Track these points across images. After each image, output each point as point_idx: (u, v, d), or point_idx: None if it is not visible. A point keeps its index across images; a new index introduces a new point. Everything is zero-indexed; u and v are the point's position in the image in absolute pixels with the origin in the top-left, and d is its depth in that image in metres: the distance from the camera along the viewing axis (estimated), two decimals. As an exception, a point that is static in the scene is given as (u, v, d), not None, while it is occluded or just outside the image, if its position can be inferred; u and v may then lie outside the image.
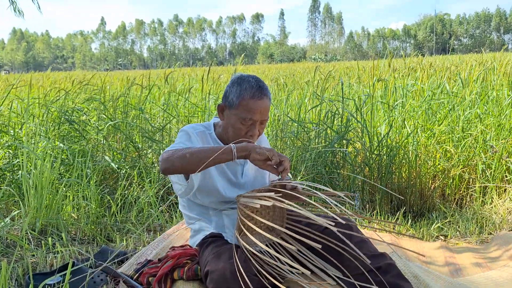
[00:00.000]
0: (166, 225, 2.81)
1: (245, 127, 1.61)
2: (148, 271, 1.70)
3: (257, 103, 1.57)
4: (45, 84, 8.56)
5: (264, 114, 1.60)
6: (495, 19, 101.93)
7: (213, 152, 1.45)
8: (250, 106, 1.57)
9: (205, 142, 1.71)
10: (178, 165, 1.48)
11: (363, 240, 1.59)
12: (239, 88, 1.59)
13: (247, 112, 1.58)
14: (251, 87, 1.58)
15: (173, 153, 1.49)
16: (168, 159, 1.49)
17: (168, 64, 65.35)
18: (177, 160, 1.47)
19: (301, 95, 5.57)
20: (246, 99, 1.57)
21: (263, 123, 1.64)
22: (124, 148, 3.88)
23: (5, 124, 4.01)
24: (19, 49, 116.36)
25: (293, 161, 3.53)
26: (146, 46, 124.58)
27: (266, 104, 1.60)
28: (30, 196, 2.61)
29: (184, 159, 1.46)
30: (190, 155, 1.46)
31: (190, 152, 1.47)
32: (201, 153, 1.46)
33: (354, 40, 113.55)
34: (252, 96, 1.57)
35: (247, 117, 1.58)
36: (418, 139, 3.65)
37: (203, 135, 1.71)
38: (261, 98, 1.58)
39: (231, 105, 1.61)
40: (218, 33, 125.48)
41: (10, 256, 2.19)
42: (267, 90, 1.61)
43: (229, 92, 1.62)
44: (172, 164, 1.49)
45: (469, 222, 2.90)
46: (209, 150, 1.46)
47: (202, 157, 1.45)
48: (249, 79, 1.61)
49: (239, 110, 1.59)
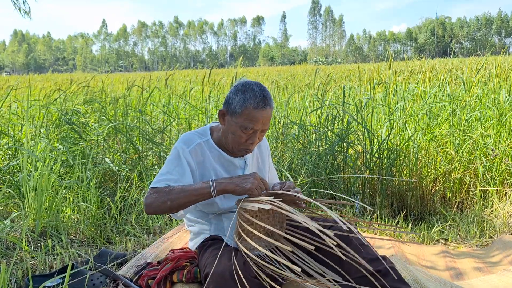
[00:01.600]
0: (166, 227, 2.81)
1: (245, 135, 1.60)
2: (147, 273, 1.70)
3: (260, 113, 1.56)
4: (45, 86, 8.57)
5: (265, 123, 1.59)
6: (497, 22, 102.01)
7: (192, 195, 1.52)
8: (253, 116, 1.56)
9: (200, 155, 1.68)
10: (160, 210, 1.56)
11: (363, 244, 1.58)
12: (243, 97, 1.57)
13: (249, 122, 1.56)
14: (255, 96, 1.56)
15: (155, 198, 1.55)
16: (151, 205, 1.55)
17: (169, 66, 65.43)
18: (159, 206, 1.55)
19: (302, 97, 5.57)
20: (250, 109, 1.55)
21: (264, 131, 1.63)
22: (124, 150, 3.88)
23: (5, 125, 4.02)
24: (20, 51, 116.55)
25: (293, 163, 3.53)
26: (147, 48, 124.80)
27: (268, 114, 1.59)
28: (30, 198, 2.61)
29: (165, 205, 1.54)
30: (171, 202, 1.53)
31: (170, 198, 1.53)
32: (180, 198, 1.52)
33: (355, 42, 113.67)
34: (256, 106, 1.55)
35: (249, 126, 1.57)
36: (419, 142, 3.65)
37: (198, 148, 1.68)
38: (265, 108, 1.57)
39: (234, 113, 1.59)
40: (219, 36, 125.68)
41: (10, 258, 2.18)
42: (270, 100, 1.60)
43: (232, 99, 1.60)
44: (155, 210, 1.57)
45: (470, 225, 2.90)
46: (188, 193, 1.53)
47: (182, 202, 1.53)
48: (254, 87, 1.58)
49: (241, 119, 1.57)
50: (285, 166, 3.46)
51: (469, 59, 6.52)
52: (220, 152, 1.70)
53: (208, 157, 1.69)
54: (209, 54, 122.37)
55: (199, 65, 73.82)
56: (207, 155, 1.69)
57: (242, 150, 1.65)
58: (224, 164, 1.71)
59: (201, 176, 1.67)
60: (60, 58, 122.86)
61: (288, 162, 3.57)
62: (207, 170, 1.68)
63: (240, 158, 1.73)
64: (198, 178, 1.67)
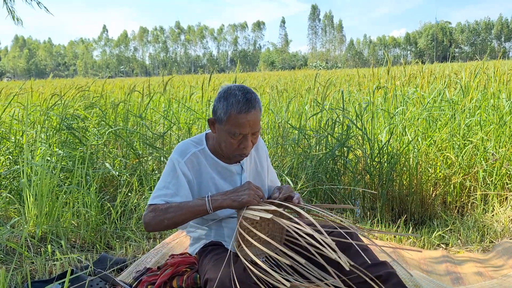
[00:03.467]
0: (166, 233, 2.80)
1: (236, 141, 1.58)
2: (147, 279, 1.69)
3: (244, 117, 1.53)
4: (46, 91, 8.59)
5: (254, 126, 1.57)
6: (497, 27, 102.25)
7: (189, 212, 1.54)
8: (238, 121, 1.54)
9: (196, 165, 1.67)
10: (158, 228, 1.59)
11: (364, 248, 1.57)
12: (225, 103, 1.55)
13: (236, 127, 1.55)
14: (238, 101, 1.53)
15: (152, 217, 1.57)
16: (149, 224, 1.58)
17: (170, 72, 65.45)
18: (157, 225, 1.57)
19: (302, 102, 5.58)
20: (234, 115, 1.53)
21: (255, 133, 1.61)
22: (124, 155, 3.88)
23: (6, 131, 4.02)
24: (21, 56, 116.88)
25: (293, 168, 3.53)
26: (148, 53, 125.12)
27: (255, 117, 1.56)
28: (30, 203, 2.61)
29: (162, 224, 1.56)
30: (168, 220, 1.55)
31: (167, 217, 1.55)
32: (177, 216, 1.55)
33: (355, 47, 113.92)
34: (239, 111, 1.53)
35: (236, 132, 1.55)
36: (418, 146, 3.65)
37: (194, 157, 1.67)
38: (249, 112, 1.54)
39: (220, 120, 1.57)
40: (219, 41, 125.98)
41: (10, 263, 2.18)
42: (255, 101, 1.56)
43: (217, 107, 1.58)
44: (154, 229, 1.59)
45: (470, 230, 2.89)
46: (185, 211, 1.54)
47: (178, 220, 1.55)
48: (236, 92, 1.56)
49: (228, 126, 1.55)
50: (285, 171, 3.46)
51: (468, 64, 6.53)
52: (216, 160, 1.69)
53: (205, 165, 1.68)
54: (209, 59, 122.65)
55: (199, 70, 73.96)
56: (203, 164, 1.68)
57: (237, 156, 1.63)
58: (220, 171, 1.70)
59: (199, 185, 1.67)
60: (61, 64, 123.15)
61: (288, 167, 3.57)
62: (204, 179, 1.67)
63: (236, 164, 1.72)
64: (195, 188, 1.66)
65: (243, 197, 1.49)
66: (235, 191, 1.53)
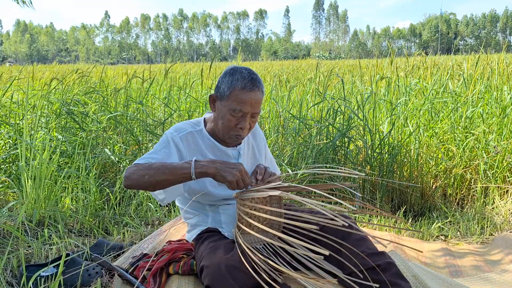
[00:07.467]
0: (165, 219, 2.79)
1: (235, 119, 1.57)
2: (143, 264, 1.68)
3: (248, 95, 1.53)
4: (47, 76, 8.54)
5: (255, 107, 1.56)
6: (502, 20, 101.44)
7: (171, 173, 1.46)
8: (241, 97, 1.53)
9: (192, 144, 1.66)
10: (138, 185, 1.50)
11: (362, 238, 1.56)
12: (230, 79, 1.56)
13: (237, 103, 1.54)
14: (243, 78, 1.54)
15: (134, 171, 1.49)
16: (128, 177, 1.50)
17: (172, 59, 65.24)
18: (137, 180, 1.49)
19: (303, 92, 5.54)
20: (237, 90, 1.54)
21: (254, 116, 1.60)
22: (124, 141, 3.86)
23: (6, 115, 4.00)
24: (22, 41, 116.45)
25: (293, 157, 3.51)
26: (150, 40, 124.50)
27: (257, 97, 1.56)
28: (28, 187, 2.60)
29: (143, 179, 1.47)
30: (149, 176, 1.46)
31: (149, 173, 1.47)
32: (159, 174, 1.46)
33: (359, 38, 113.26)
34: (243, 87, 1.53)
35: (237, 108, 1.54)
36: (420, 138, 3.62)
37: (190, 136, 1.66)
38: (253, 90, 1.54)
39: (222, 96, 1.57)
40: (223, 29, 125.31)
41: (6, 246, 2.17)
42: (259, 83, 1.57)
43: (221, 82, 1.59)
44: (132, 183, 1.50)
45: (470, 222, 2.88)
46: (168, 171, 1.46)
47: (160, 179, 1.46)
48: (242, 70, 1.57)
49: (229, 101, 1.55)
50: (285, 160, 3.44)
51: (471, 56, 6.47)
52: (213, 142, 1.68)
53: (201, 146, 1.67)
54: (212, 48, 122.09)
55: (202, 58, 73.63)
56: (199, 144, 1.67)
57: (233, 137, 1.61)
58: (217, 154, 1.69)
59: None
60: (63, 49, 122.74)
61: (288, 156, 3.55)
62: (199, 158, 1.66)
63: (233, 148, 1.71)
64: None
65: (228, 175, 1.43)
66: (224, 163, 1.47)
